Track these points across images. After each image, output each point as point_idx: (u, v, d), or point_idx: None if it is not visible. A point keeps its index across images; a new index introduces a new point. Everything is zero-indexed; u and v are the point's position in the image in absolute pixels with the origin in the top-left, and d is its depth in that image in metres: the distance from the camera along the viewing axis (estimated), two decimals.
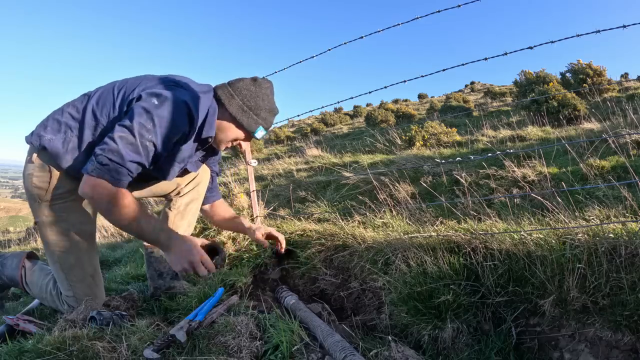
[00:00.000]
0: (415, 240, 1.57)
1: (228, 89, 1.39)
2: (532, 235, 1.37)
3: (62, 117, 1.33)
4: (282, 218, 2.38)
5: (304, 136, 16.88)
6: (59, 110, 1.36)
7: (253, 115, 1.39)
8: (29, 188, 1.39)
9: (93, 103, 1.33)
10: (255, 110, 1.39)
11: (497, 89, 19.17)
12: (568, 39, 1.49)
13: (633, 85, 10.48)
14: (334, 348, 1.10)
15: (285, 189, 5.18)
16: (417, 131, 7.09)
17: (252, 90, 1.39)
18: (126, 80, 1.38)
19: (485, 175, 3.75)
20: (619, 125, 4.79)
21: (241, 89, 1.38)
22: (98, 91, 1.37)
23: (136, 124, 1.19)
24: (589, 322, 1.17)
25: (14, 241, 7.73)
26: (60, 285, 1.47)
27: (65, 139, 1.31)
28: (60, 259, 1.42)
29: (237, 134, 1.42)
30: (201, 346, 1.11)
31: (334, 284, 1.78)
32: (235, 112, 1.37)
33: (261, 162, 9.42)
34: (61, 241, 1.41)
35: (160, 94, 1.25)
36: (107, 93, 1.34)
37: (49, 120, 1.35)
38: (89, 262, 1.48)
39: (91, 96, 1.35)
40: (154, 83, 1.33)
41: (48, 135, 1.32)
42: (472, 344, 1.28)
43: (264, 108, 1.40)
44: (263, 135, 1.45)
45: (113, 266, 2.90)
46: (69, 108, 1.35)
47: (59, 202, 1.39)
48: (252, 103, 1.38)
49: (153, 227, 1.29)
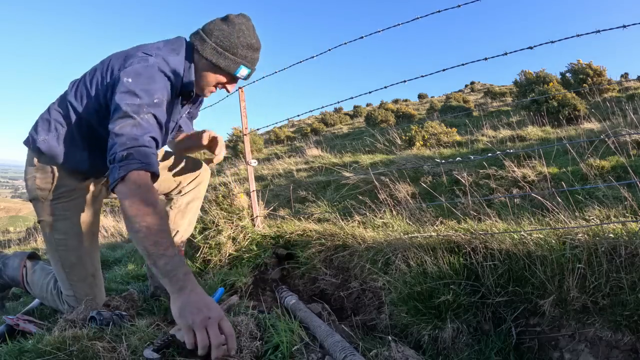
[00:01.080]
0: (415, 240, 1.57)
1: (200, 34, 1.33)
2: (532, 235, 1.37)
3: (50, 116, 1.35)
4: (282, 218, 2.38)
5: (304, 136, 16.88)
6: (46, 111, 1.38)
7: (230, 55, 1.31)
8: (31, 189, 1.40)
9: (72, 97, 1.33)
10: (231, 50, 1.31)
11: (497, 89, 19.18)
12: (568, 39, 1.49)
13: (633, 85, 10.49)
14: (334, 348, 1.10)
15: (285, 189, 5.18)
16: (417, 131, 7.09)
17: (225, 29, 1.31)
18: (94, 68, 1.35)
19: (485, 175, 3.75)
20: (619, 125, 4.79)
21: (212, 31, 1.31)
22: (75, 84, 1.37)
23: (126, 107, 1.14)
24: (589, 322, 1.17)
25: (14, 241, 7.73)
26: (61, 285, 1.47)
27: (58, 136, 1.33)
28: (62, 258, 1.42)
29: (218, 78, 1.37)
30: None
31: (334, 284, 1.78)
32: (209, 55, 1.31)
33: (261, 162, 9.42)
34: (63, 240, 1.41)
35: (133, 70, 1.20)
36: (81, 85, 1.34)
37: (38, 122, 1.37)
38: (90, 262, 1.48)
39: (69, 91, 1.36)
40: (122, 60, 1.28)
41: (41, 136, 1.33)
42: (472, 344, 1.28)
43: (241, 45, 1.32)
44: (247, 73, 1.38)
45: (113, 266, 2.90)
46: (54, 106, 1.37)
47: (62, 201, 1.40)
48: (227, 42, 1.30)
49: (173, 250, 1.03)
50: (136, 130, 1.12)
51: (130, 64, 1.23)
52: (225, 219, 2.20)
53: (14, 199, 65.87)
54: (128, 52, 1.31)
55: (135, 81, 1.18)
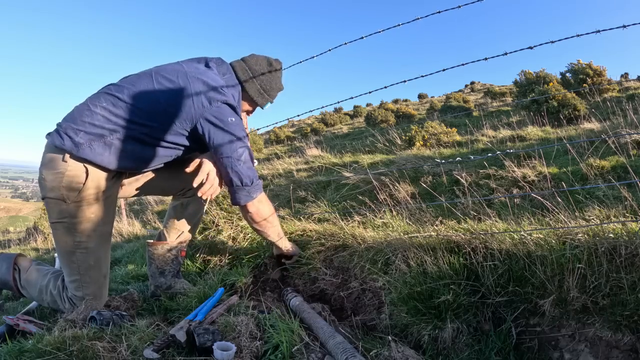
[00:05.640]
0: (415, 240, 1.57)
1: (246, 70, 1.57)
2: (532, 235, 1.37)
3: (94, 120, 1.33)
4: (282, 218, 2.38)
5: (304, 136, 16.88)
6: (87, 112, 1.35)
7: (266, 96, 1.63)
8: (55, 187, 1.35)
9: (129, 105, 1.35)
10: (268, 92, 1.62)
11: (497, 89, 19.16)
12: (568, 39, 1.49)
13: (633, 85, 10.48)
14: (336, 350, 1.10)
15: (285, 189, 5.18)
16: (417, 131, 7.09)
17: (269, 77, 1.60)
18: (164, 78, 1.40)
19: (485, 175, 3.75)
20: (619, 125, 4.79)
21: (258, 72, 1.58)
22: (130, 90, 1.37)
23: (233, 145, 1.39)
24: (589, 322, 1.17)
25: (14, 241, 7.73)
26: (71, 285, 1.46)
27: (106, 143, 1.33)
28: (80, 260, 1.40)
29: (248, 108, 1.66)
30: None
31: (334, 284, 1.77)
32: (254, 94, 1.59)
33: (261, 162, 9.42)
34: (84, 242, 1.40)
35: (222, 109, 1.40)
36: (145, 94, 1.36)
37: (78, 123, 1.34)
38: (105, 264, 1.48)
39: (124, 97, 1.36)
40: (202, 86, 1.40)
41: (85, 143, 1.32)
42: (472, 344, 1.28)
43: (275, 89, 1.64)
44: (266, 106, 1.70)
45: (113, 266, 2.89)
46: (98, 109, 1.35)
47: (91, 203, 1.38)
48: (268, 87, 1.61)
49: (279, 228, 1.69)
50: (249, 165, 1.47)
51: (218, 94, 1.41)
52: (225, 219, 2.20)
53: (14, 199, 65.85)
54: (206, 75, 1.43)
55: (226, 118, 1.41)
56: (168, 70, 1.42)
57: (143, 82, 1.39)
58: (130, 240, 4.37)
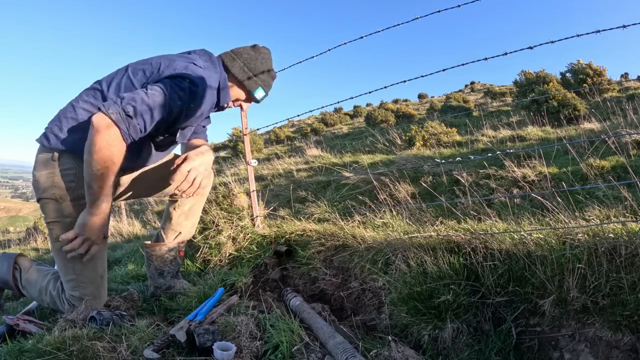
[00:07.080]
0: (415, 240, 1.57)
1: (230, 54, 1.56)
2: (532, 235, 1.37)
3: (77, 115, 1.35)
4: (282, 218, 2.38)
5: (304, 136, 16.88)
6: (70, 109, 1.37)
7: (254, 78, 1.57)
8: (46, 188, 1.37)
9: (111, 93, 1.36)
10: (254, 72, 1.56)
11: (497, 89, 19.17)
12: (568, 39, 1.49)
13: (633, 85, 10.48)
14: (336, 350, 1.10)
15: (285, 189, 5.18)
16: (417, 131, 7.09)
17: (252, 54, 1.57)
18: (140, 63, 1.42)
19: (485, 175, 3.75)
20: (619, 125, 4.79)
21: (242, 53, 1.56)
22: (109, 81, 1.39)
23: (169, 88, 1.29)
24: (589, 322, 1.17)
25: (14, 241, 7.73)
26: (67, 286, 1.45)
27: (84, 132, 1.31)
28: (74, 259, 1.40)
29: (239, 94, 1.59)
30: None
31: (334, 284, 1.77)
32: (237, 72, 1.54)
33: (261, 162, 9.42)
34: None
35: (191, 74, 1.35)
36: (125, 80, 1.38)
37: (62, 120, 1.36)
38: (101, 263, 1.48)
39: (104, 89, 1.38)
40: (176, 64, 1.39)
41: (69, 136, 1.33)
42: (472, 344, 1.28)
43: (263, 70, 1.58)
44: (262, 97, 1.62)
45: (113, 266, 2.90)
46: (80, 104, 1.37)
47: (83, 201, 1.37)
48: (252, 65, 1.56)
49: (108, 189, 1.29)
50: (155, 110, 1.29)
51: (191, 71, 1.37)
52: (225, 219, 2.19)
53: (14, 199, 65.86)
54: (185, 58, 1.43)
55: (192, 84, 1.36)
56: (142, 61, 1.45)
57: (120, 73, 1.42)
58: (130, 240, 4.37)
